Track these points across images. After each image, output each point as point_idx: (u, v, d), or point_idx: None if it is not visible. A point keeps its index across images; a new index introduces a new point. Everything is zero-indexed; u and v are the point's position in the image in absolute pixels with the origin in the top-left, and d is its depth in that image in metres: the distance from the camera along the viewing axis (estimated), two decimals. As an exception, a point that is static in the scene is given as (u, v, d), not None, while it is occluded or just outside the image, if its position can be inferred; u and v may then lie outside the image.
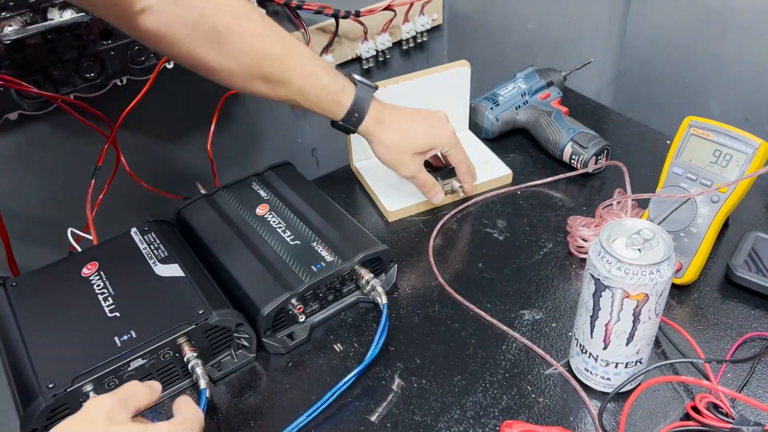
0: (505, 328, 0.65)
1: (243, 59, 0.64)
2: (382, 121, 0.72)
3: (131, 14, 0.58)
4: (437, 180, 0.81)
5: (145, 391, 0.49)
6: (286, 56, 0.66)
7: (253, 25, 0.64)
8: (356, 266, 0.67)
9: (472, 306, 0.68)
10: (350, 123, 0.71)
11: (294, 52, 0.67)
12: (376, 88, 0.73)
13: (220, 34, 0.62)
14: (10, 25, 0.67)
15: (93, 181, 0.77)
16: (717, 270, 0.70)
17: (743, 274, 0.66)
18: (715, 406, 0.55)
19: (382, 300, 0.65)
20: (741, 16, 0.86)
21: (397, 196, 0.82)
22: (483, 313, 0.67)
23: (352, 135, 0.74)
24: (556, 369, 0.61)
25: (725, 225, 0.74)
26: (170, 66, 0.79)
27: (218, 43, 0.62)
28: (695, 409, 0.55)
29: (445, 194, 0.82)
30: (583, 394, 0.59)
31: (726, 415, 0.54)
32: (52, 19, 0.69)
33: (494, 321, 0.66)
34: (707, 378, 0.59)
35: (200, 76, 0.66)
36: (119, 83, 0.77)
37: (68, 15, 0.69)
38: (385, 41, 1.05)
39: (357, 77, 0.72)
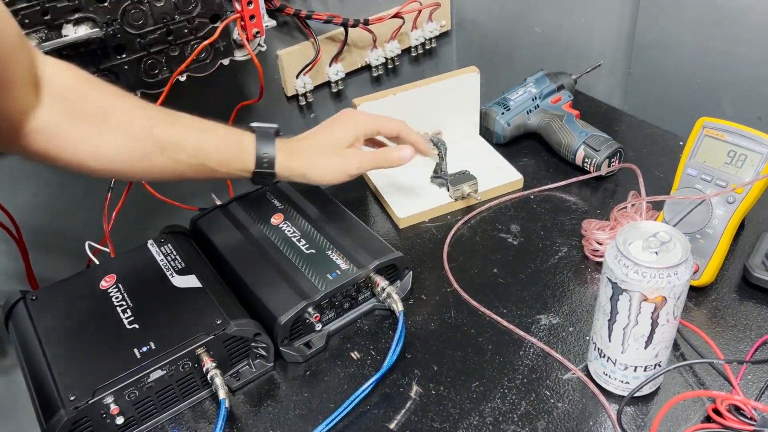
0: (522, 333, 0.65)
1: (133, 129, 0.59)
2: (293, 150, 0.67)
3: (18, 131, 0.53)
4: (447, 188, 0.81)
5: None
6: (174, 117, 0.62)
7: (131, 99, 0.61)
8: (371, 274, 0.67)
9: (488, 311, 0.68)
10: (263, 167, 0.65)
11: (177, 115, 0.63)
12: (276, 128, 0.67)
13: (106, 112, 0.58)
14: (26, 43, 0.68)
15: (109, 194, 0.78)
16: (734, 271, 0.70)
17: (761, 274, 0.66)
18: (737, 408, 0.54)
19: (398, 307, 0.65)
20: (751, 14, 0.86)
21: (408, 202, 0.82)
22: (499, 319, 0.67)
23: None
24: (574, 373, 0.61)
25: (741, 225, 0.73)
26: (183, 78, 0.79)
27: (105, 122, 0.58)
28: (716, 411, 0.55)
29: (456, 200, 0.82)
30: (602, 398, 0.59)
31: (748, 417, 0.53)
32: (67, 35, 0.70)
33: (511, 326, 0.66)
34: (727, 379, 0.58)
35: (210, 90, 0.64)
36: (133, 97, 0.78)
37: (83, 31, 0.70)
38: (394, 49, 1.06)
39: (252, 124, 0.67)
